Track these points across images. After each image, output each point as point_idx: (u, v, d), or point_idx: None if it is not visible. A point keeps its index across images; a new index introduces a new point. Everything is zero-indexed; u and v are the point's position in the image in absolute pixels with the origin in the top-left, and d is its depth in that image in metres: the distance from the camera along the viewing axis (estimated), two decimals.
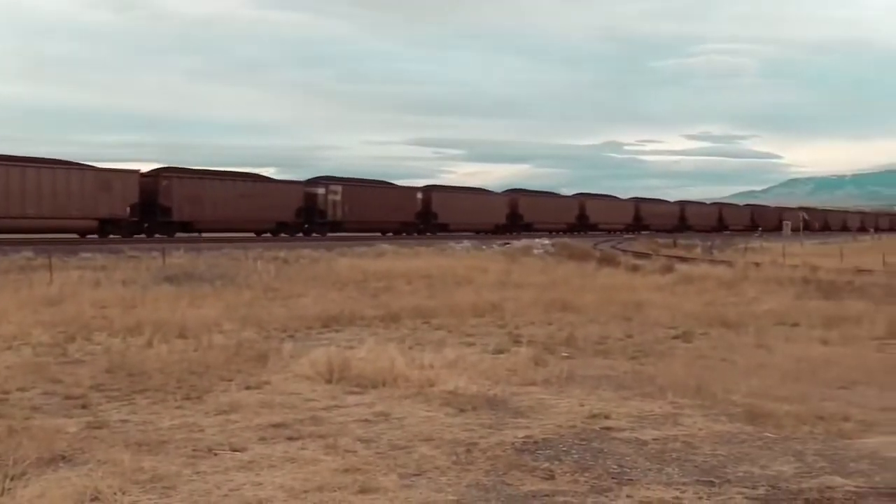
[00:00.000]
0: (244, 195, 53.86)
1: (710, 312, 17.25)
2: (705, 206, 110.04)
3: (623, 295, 20.39)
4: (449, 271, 27.07)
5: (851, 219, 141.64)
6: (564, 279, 25.29)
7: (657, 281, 25.59)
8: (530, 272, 28.15)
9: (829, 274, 27.57)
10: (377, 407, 8.45)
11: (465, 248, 43.99)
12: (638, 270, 30.35)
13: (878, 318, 15.54)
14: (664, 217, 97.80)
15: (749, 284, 24.10)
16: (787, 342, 13.64)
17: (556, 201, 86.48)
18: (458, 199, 71.58)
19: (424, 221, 67.72)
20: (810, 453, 6.95)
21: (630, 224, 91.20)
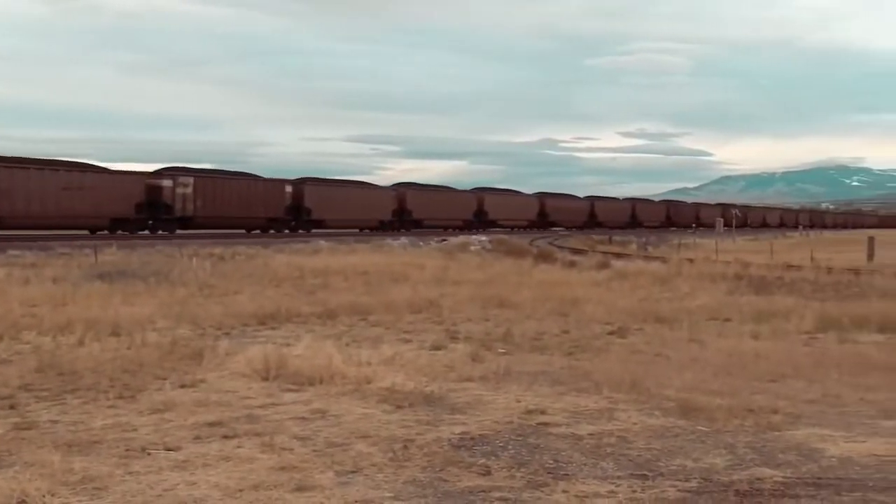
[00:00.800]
0: (68, 188, 47.44)
1: (644, 308, 17.46)
2: (618, 202, 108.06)
3: (559, 291, 20.54)
4: (386, 268, 27.02)
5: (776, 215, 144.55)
6: (502, 276, 25.39)
7: (593, 277, 25.81)
8: (467, 269, 28.20)
9: (760, 270, 28.06)
10: (314, 404, 8.40)
11: (403, 245, 43.96)
12: (574, 267, 30.58)
13: (807, 313, 15.87)
14: (572, 213, 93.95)
15: (683, 280, 24.44)
16: (720, 337, 13.86)
17: (451, 196, 79.82)
18: (336, 193, 66.00)
19: (296, 217, 62.04)
20: (741, 446, 7.07)
21: (533, 220, 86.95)
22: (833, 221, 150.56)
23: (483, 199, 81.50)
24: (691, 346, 12.89)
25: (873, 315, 15.78)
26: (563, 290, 20.78)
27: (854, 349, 12.71)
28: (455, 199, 79.38)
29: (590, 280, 24.71)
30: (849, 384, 9.80)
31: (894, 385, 9.82)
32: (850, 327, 14.59)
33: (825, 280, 24.63)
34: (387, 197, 71.65)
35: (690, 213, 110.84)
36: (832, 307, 17.42)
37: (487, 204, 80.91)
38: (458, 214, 76.66)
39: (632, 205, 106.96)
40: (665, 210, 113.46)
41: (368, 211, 68.01)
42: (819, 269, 27.78)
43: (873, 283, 23.79)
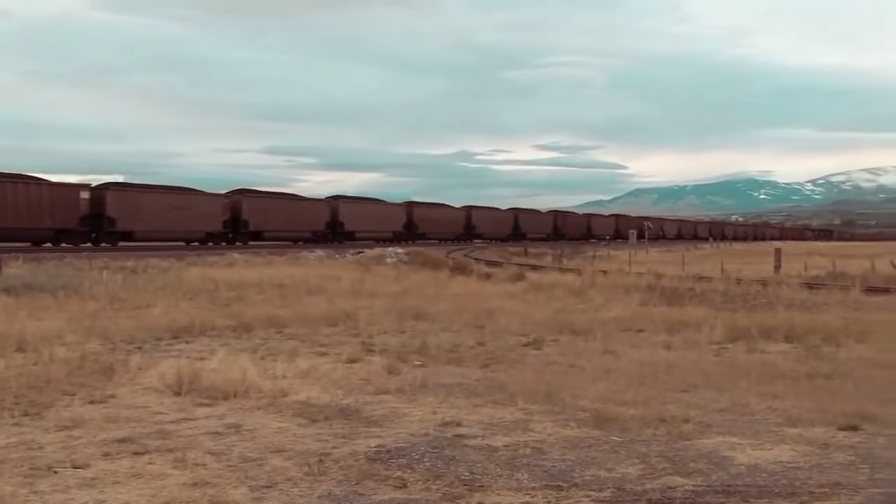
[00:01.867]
0: None
1: (559, 319, 17.65)
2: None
3: (475, 303, 20.64)
4: (302, 280, 26.82)
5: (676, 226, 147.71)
6: (418, 288, 25.40)
7: (509, 289, 26.00)
8: (384, 281, 28.17)
9: (673, 281, 28.58)
10: (228, 419, 8.29)
11: (319, 258, 43.70)
12: (490, 279, 30.76)
13: (717, 324, 16.22)
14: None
15: (597, 292, 24.77)
16: (633, 348, 14.08)
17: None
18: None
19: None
20: (654, 455, 7.18)
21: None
22: (734, 233, 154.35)
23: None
24: (605, 356, 13.06)
25: (780, 325, 16.22)
26: (479, 302, 20.88)
27: (762, 359, 13.01)
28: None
29: (505, 292, 24.88)
30: (757, 393, 10.03)
31: (800, 393, 10.09)
32: (758, 337, 14.95)
33: (735, 291, 25.19)
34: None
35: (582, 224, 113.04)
36: (741, 317, 17.85)
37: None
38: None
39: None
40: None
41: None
42: (729, 281, 28.42)
43: (780, 293, 24.43)
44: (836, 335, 15.23)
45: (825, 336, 15.14)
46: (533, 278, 30.40)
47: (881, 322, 17.87)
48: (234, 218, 62.58)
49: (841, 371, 11.83)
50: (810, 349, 13.98)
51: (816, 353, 13.54)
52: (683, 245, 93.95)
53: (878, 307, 21.91)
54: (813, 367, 12.13)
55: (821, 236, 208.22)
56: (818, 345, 14.37)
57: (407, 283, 27.58)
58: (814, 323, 16.76)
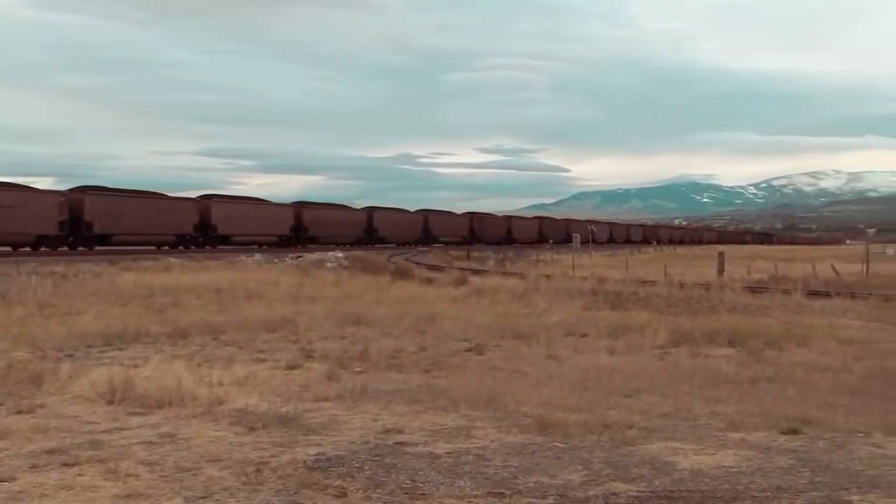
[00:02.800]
0: None
1: (502, 324, 17.72)
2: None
3: (417, 308, 20.63)
4: (239, 285, 26.60)
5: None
6: (358, 292, 25.34)
7: (451, 293, 26.04)
8: (323, 286, 28.03)
9: (616, 285, 28.86)
10: (162, 428, 8.19)
11: (257, 262, 43.37)
12: (432, 283, 30.79)
13: (660, 328, 16.42)
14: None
15: (540, 296, 24.92)
16: (576, 352, 14.18)
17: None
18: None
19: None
20: (597, 461, 7.23)
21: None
22: (669, 237, 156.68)
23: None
24: (549, 362, 13.14)
25: (723, 329, 16.45)
26: (421, 307, 20.88)
27: (705, 363, 13.19)
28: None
29: (447, 296, 24.92)
30: (700, 397, 10.16)
31: (742, 397, 10.24)
32: (701, 341, 15.17)
33: (678, 295, 25.51)
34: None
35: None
36: (685, 322, 18.09)
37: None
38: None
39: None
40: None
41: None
42: (672, 285, 28.77)
43: (723, 297, 24.79)
44: (779, 339, 15.51)
45: (768, 340, 15.39)
46: (476, 282, 30.48)
47: (822, 326, 18.24)
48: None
49: (783, 375, 12.04)
50: (753, 353, 14.21)
51: (759, 358, 13.76)
52: (627, 249, 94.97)
53: (820, 311, 22.35)
54: (755, 371, 12.33)
55: (761, 240, 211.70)
56: (761, 349, 14.61)
57: (347, 287, 27.49)
58: (756, 327, 17.04)
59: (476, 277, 34.03)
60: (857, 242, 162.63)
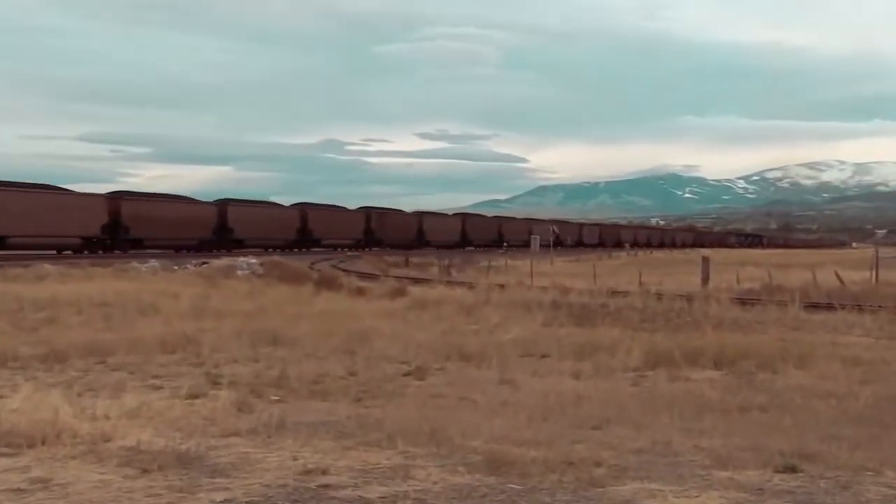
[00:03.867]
0: None
1: (447, 343, 17.75)
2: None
3: (346, 324, 20.60)
4: (131, 297, 26.34)
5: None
6: (276, 306, 25.24)
7: (386, 307, 26.04)
8: (234, 297, 27.87)
9: (582, 296, 29.04)
10: (34, 471, 8.05)
11: (152, 269, 43.00)
12: (363, 294, 30.79)
13: (634, 347, 16.55)
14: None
15: (492, 309, 25.01)
16: (535, 376, 14.24)
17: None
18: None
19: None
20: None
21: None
22: (633, 238, 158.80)
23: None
24: (502, 387, 13.17)
25: (708, 348, 16.63)
26: (351, 323, 20.85)
27: (686, 388, 13.31)
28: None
29: (382, 310, 24.91)
30: (681, 429, 10.24)
31: (730, 429, 10.33)
32: (682, 363, 15.31)
33: (655, 308, 25.74)
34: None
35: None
36: (663, 339, 18.24)
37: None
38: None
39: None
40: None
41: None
42: (648, 296, 29.02)
43: (708, 310, 25.07)
44: (773, 360, 15.70)
45: (760, 361, 15.58)
46: (416, 293, 30.52)
47: (823, 344, 18.51)
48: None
49: (778, 402, 12.18)
50: (743, 376, 14.37)
51: (750, 381, 13.92)
52: (596, 253, 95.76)
53: (821, 326, 22.71)
54: (746, 397, 12.46)
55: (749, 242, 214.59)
56: (752, 371, 14.78)
57: (262, 300, 27.36)
58: (747, 345, 17.24)
59: (416, 287, 34.04)
60: (865, 245, 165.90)
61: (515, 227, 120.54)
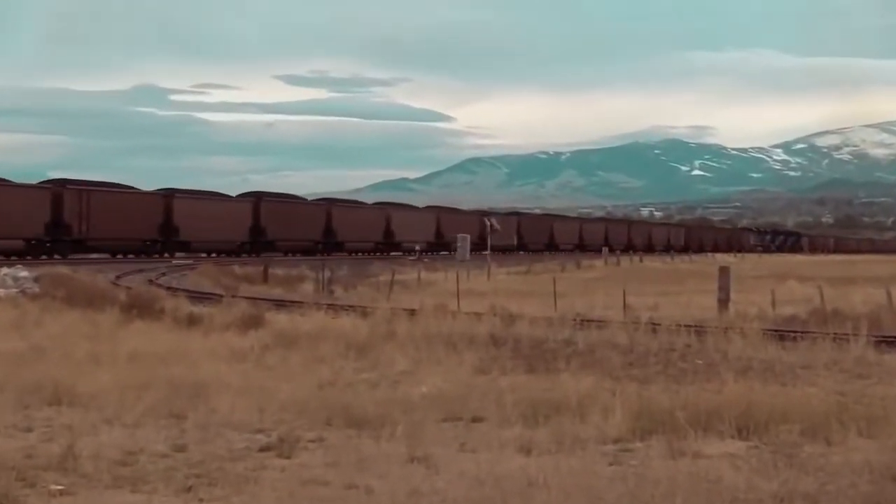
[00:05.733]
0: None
1: (328, 400, 17.69)
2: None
3: (170, 371, 20.47)
4: None
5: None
6: (59, 343, 24.97)
7: (233, 344, 25.91)
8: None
9: (536, 327, 29.03)
10: None
11: None
12: (198, 325, 30.57)
13: (616, 405, 16.59)
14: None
15: (397, 348, 24.97)
16: (463, 451, 14.23)
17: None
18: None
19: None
20: None
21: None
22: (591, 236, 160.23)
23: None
24: (412, 469, 13.14)
25: (728, 406, 16.71)
26: (178, 370, 20.72)
27: (695, 468, 13.37)
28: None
29: (227, 350, 24.78)
30: None
31: None
32: (688, 428, 15.36)
33: (648, 345, 25.83)
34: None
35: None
36: (659, 393, 18.35)
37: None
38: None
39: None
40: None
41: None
42: (637, 326, 29.10)
43: (728, 349, 25.23)
44: (827, 424, 15.81)
45: (807, 426, 15.68)
46: (279, 323, 30.39)
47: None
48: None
49: (835, 490, 12.27)
50: (781, 450, 14.46)
51: (792, 458, 14.01)
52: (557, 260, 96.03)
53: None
54: (786, 483, 12.54)
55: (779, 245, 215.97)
56: (795, 442, 14.88)
57: (38, 334, 27.05)
58: (787, 402, 17.35)
59: (280, 314, 33.88)
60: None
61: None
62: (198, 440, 14.84)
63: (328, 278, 58.36)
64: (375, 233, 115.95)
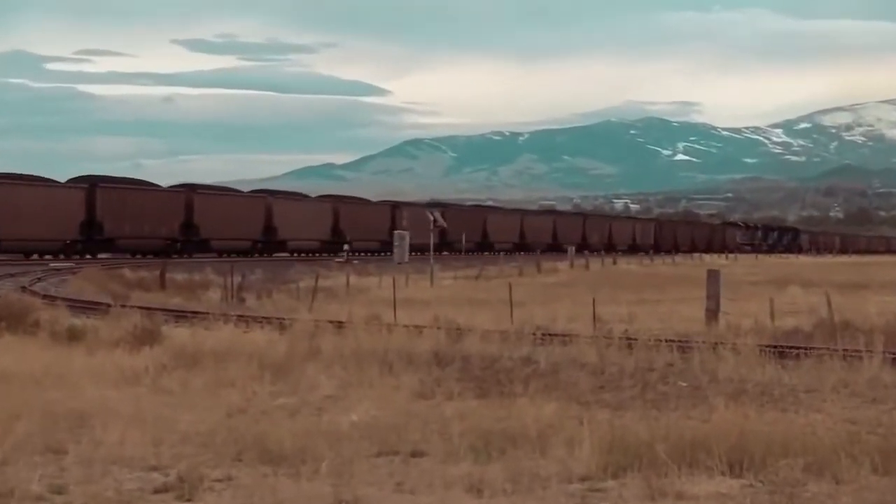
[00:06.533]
0: None
1: (238, 431, 17.70)
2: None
3: (47, 396, 20.43)
4: None
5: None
6: None
7: (123, 363, 25.87)
8: None
9: (489, 343, 29.10)
10: None
11: None
12: (80, 341, 30.48)
13: (584, 436, 16.63)
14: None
15: (321, 367, 25.01)
16: (400, 492, 14.26)
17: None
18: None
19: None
20: None
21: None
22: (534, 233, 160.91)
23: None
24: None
25: (718, 437, 16.78)
26: (56, 395, 20.69)
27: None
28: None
29: (116, 370, 24.76)
30: None
31: None
32: (670, 463, 15.44)
33: (622, 364, 25.93)
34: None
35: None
36: (635, 422, 18.41)
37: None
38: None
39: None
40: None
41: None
42: (609, 341, 29.19)
43: (718, 368, 25.33)
44: (834, 458, 15.89)
45: (812, 460, 15.77)
46: (179, 339, 30.32)
47: None
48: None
49: None
50: (781, 489, 14.54)
51: (793, 499, 14.10)
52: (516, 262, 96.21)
53: None
54: None
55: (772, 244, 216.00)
56: (797, 479, 14.97)
57: None
58: (788, 432, 17.44)
59: (180, 328, 33.86)
60: None
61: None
62: (80, 479, 14.81)
63: (238, 284, 58.32)
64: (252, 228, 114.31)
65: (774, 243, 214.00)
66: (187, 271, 71.84)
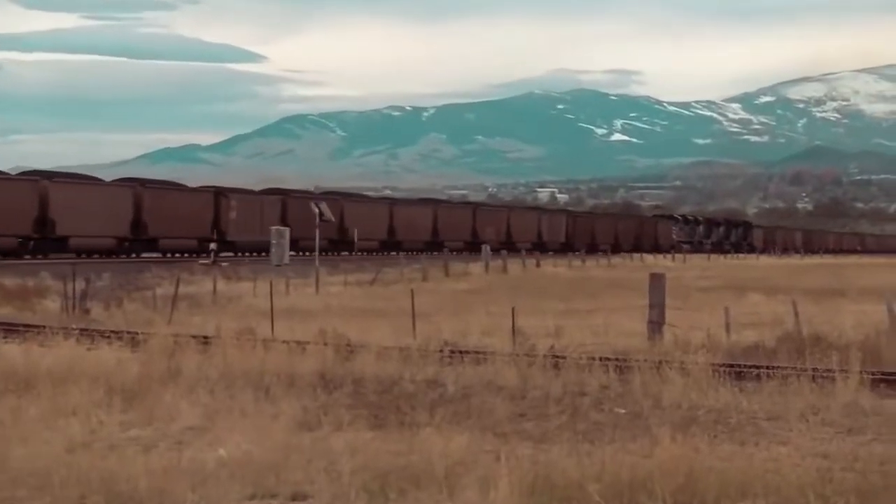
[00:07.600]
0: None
1: (80, 469, 17.66)
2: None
3: None
4: None
5: None
6: None
7: None
8: None
9: (387, 361, 29.14)
10: None
11: None
12: None
13: (501, 474, 16.67)
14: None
15: (182, 392, 24.97)
16: None
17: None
18: None
19: None
20: None
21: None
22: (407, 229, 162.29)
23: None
24: None
25: (661, 475, 16.88)
26: None
27: None
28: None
29: None
30: None
31: None
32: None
33: (546, 387, 26.02)
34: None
35: None
36: (562, 457, 18.47)
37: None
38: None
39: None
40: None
41: None
42: (531, 360, 29.27)
43: (663, 391, 25.45)
44: (801, 499, 16.01)
45: (774, 502, 15.88)
46: (8, 358, 30.25)
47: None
48: None
49: None
50: None
51: None
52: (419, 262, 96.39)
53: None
54: None
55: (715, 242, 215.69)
56: None
57: None
58: (747, 469, 17.56)
59: (8, 344, 33.82)
60: None
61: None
62: None
63: (82, 291, 58.09)
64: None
65: (720, 241, 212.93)
66: (19, 276, 71.47)
